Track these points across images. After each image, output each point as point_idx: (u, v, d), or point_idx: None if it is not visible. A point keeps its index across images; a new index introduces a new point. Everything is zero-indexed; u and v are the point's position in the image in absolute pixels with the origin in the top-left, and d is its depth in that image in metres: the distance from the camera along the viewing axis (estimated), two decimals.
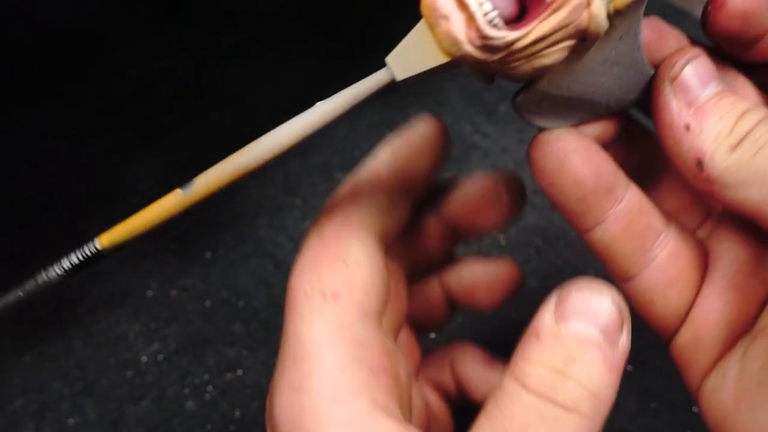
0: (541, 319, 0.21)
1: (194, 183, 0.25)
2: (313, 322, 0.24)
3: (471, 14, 0.19)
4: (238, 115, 0.70)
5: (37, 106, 0.72)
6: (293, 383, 0.23)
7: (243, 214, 0.61)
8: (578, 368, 0.20)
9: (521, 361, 0.21)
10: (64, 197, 0.63)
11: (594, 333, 0.21)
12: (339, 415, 0.22)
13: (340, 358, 0.23)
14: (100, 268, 0.57)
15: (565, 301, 0.21)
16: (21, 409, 0.49)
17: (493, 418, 0.20)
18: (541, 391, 0.20)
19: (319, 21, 0.80)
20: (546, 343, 0.21)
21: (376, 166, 0.28)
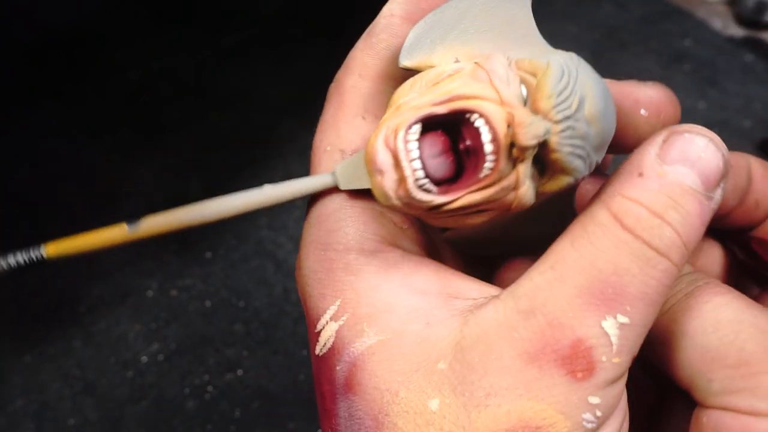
0: (645, 155, 0.21)
1: (140, 222, 0.25)
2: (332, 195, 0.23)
3: (403, 177, 0.20)
4: (238, 115, 0.70)
5: (37, 106, 0.72)
6: (321, 241, 0.23)
7: (243, 214, 0.61)
8: (676, 215, 0.20)
9: (619, 196, 0.20)
10: (64, 197, 0.63)
11: (697, 182, 0.20)
12: (371, 264, 0.22)
13: (362, 213, 0.23)
14: (100, 268, 0.58)
15: (675, 142, 0.21)
16: (21, 409, 0.49)
17: (581, 246, 0.20)
18: (637, 231, 0.20)
19: (318, 21, 0.80)
20: (649, 183, 0.20)
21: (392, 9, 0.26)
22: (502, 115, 0.19)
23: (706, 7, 0.80)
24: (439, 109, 0.20)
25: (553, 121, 0.20)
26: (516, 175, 0.20)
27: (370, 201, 0.23)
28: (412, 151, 0.20)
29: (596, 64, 0.54)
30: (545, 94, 0.20)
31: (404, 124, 0.20)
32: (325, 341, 0.21)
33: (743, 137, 0.64)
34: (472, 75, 0.20)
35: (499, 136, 0.19)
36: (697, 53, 0.74)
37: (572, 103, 0.20)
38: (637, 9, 0.80)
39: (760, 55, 0.73)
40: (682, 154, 0.21)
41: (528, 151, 0.20)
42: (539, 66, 0.20)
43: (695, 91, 0.69)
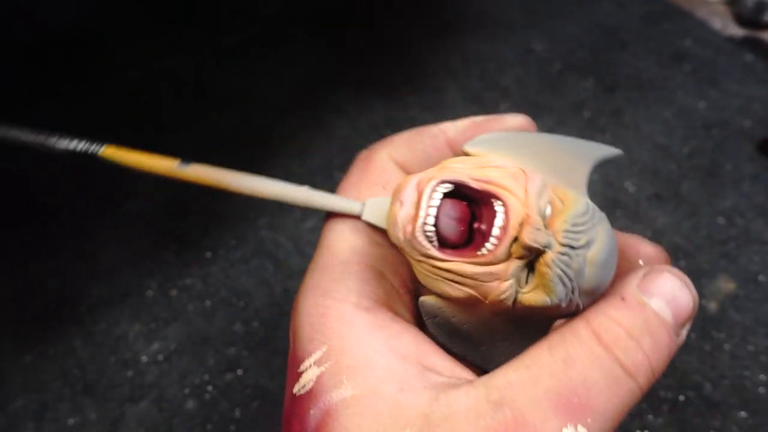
0: (628, 284, 0.23)
1: (189, 165, 0.29)
2: (346, 236, 0.26)
3: (416, 216, 0.22)
4: (238, 115, 0.70)
5: (38, 106, 0.72)
6: (321, 287, 0.24)
7: (243, 214, 0.61)
8: (650, 341, 0.22)
9: (602, 315, 0.22)
10: (64, 197, 0.63)
11: (670, 317, 0.22)
12: (363, 319, 0.23)
13: (366, 270, 0.25)
14: (100, 268, 0.58)
15: (654, 278, 0.23)
16: (21, 409, 0.49)
17: (557, 353, 0.21)
18: (613, 349, 0.21)
19: (318, 21, 0.80)
20: (630, 308, 0.22)
21: (447, 127, 0.29)
22: (519, 212, 0.22)
23: (706, 7, 0.80)
24: (473, 184, 0.22)
25: (558, 242, 0.22)
26: (506, 267, 0.22)
27: (376, 260, 0.25)
28: (434, 200, 0.22)
29: (596, 63, 0.55)
30: (563, 217, 0.23)
31: (439, 177, 0.22)
32: (305, 383, 0.22)
33: (743, 137, 0.64)
34: (513, 174, 0.23)
35: (509, 225, 0.22)
36: (697, 53, 0.74)
37: (581, 239, 0.23)
38: (637, 9, 0.80)
39: (760, 54, 0.73)
40: (659, 290, 0.23)
41: (524, 251, 0.22)
42: (570, 197, 0.23)
43: (695, 91, 0.69)
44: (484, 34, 0.78)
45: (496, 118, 0.29)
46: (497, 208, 0.22)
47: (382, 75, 0.73)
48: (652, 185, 0.61)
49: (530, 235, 0.22)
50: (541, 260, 0.22)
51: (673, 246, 0.56)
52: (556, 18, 0.79)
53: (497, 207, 0.22)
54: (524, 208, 0.22)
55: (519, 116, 0.29)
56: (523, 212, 0.22)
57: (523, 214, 0.22)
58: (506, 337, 0.25)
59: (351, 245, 0.25)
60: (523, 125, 0.29)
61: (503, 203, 0.22)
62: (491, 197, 0.22)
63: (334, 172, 0.64)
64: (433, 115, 0.69)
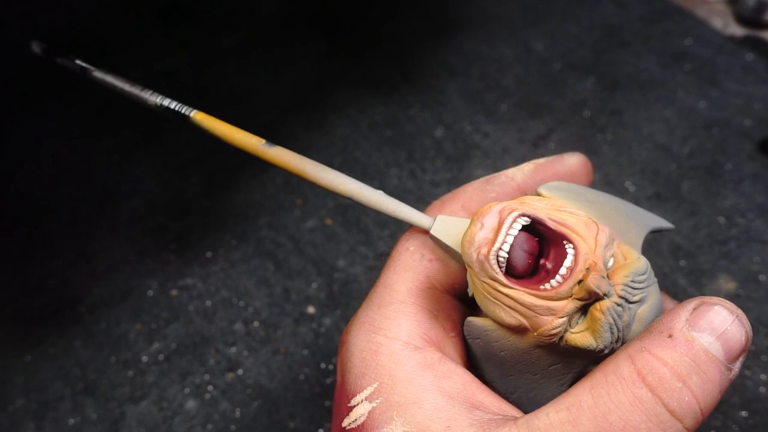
0: (676, 319, 0.22)
1: (272, 147, 0.31)
2: (405, 276, 0.26)
3: (494, 240, 0.23)
4: (238, 115, 0.70)
5: (38, 106, 0.72)
6: (374, 324, 0.25)
7: (244, 214, 0.61)
8: (698, 380, 0.21)
9: (647, 353, 0.21)
10: (64, 197, 0.63)
11: (720, 353, 0.21)
12: (413, 358, 0.24)
13: (420, 312, 0.25)
14: (100, 268, 0.58)
15: (705, 312, 0.22)
16: (22, 409, 0.49)
17: (598, 396, 0.21)
18: (658, 391, 0.20)
19: (318, 22, 0.80)
20: (677, 345, 0.21)
21: (514, 173, 0.31)
22: (587, 258, 0.23)
23: (707, 6, 0.80)
24: (550, 223, 0.24)
25: (617, 292, 0.24)
26: (564, 306, 0.23)
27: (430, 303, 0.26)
28: (513, 230, 0.24)
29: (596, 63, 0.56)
30: (626, 272, 0.24)
31: (520, 210, 0.24)
32: (356, 417, 0.23)
33: (743, 137, 0.64)
34: (585, 223, 0.24)
35: (577, 268, 0.23)
36: (697, 52, 0.74)
37: (636, 295, 0.24)
38: (637, 8, 0.80)
39: (761, 54, 0.73)
40: (710, 324, 0.22)
41: (585, 294, 0.23)
42: (633, 255, 0.25)
43: (695, 90, 0.69)
44: (484, 34, 0.78)
45: (558, 159, 0.30)
46: (568, 250, 0.24)
47: (382, 75, 0.73)
48: (652, 185, 0.61)
49: (595, 281, 0.23)
50: (597, 305, 0.23)
51: (674, 246, 0.56)
52: (556, 18, 0.79)
53: (568, 249, 0.24)
54: (592, 256, 0.23)
55: (576, 155, 0.30)
56: (591, 259, 0.23)
57: (591, 261, 0.23)
58: (536, 372, 0.26)
59: (409, 287, 0.26)
60: (581, 162, 0.30)
61: (574, 247, 0.24)
62: (563, 239, 0.24)
63: None
64: (433, 115, 0.69)
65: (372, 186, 0.29)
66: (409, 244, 0.27)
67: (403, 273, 0.26)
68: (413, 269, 0.26)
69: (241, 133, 0.31)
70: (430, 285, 0.26)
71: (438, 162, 0.64)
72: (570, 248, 0.24)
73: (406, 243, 0.27)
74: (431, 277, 0.26)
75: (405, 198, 0.61)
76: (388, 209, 0.28)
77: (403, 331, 0.25)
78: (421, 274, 0.26)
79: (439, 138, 0.66)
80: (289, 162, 0.30)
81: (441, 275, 0.27)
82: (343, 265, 0.57)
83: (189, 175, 0.64)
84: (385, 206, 0.28)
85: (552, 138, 0.66)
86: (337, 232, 0.59)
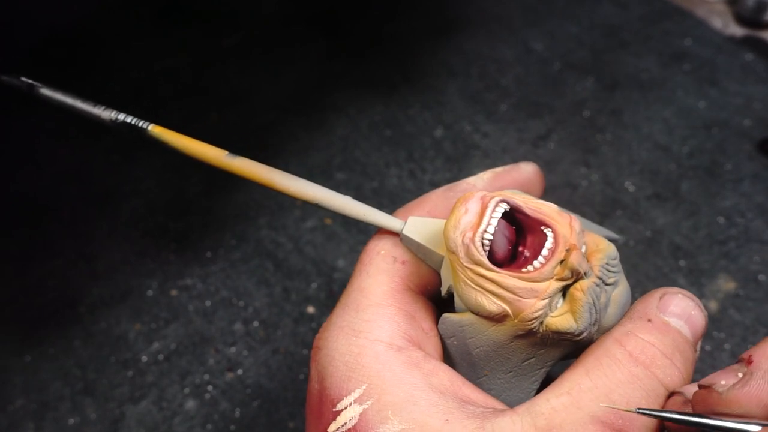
0: (648, 305, 0.24)
1: (236, 158, 0.30)
2: (380, 279, 0.27)
3: (478, 224, 0.24)
4: (238, 115, 0.70)
5: (38, 106, 0.72)
6: (354, 327, 0.25)
7: (243, 214, 0.61)
8: (680, 358, 0.23)
9: (633, 336, 0.23)
10: (64, 197, 0.63)
11: (689, 335, 0.24)
12: (398, 358, 0.24)
13: (398, 313, 0.26)
14: (100, 268, 0.58)
15: (671, 299, 0.25)
16: (21, 409, 0.49)
17: (596, 377, 0.22)
18: (651, 368, 0.22)
19: (318, 22, 0.80)
20: (659, 329, 0.24)
21: (475, 180, 0.31)
22: (567, 240, 0.24)
23: (706, 6, 0.80)
24: (528, 210, 0.25)
25: (595, 274, 0.25)
26: (546, 287, 0.24)
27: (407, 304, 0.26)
28: (496, 213, 0.24)
29: (596, 63, 0.56)
30: (600, 255, 0.25)
31: (502, 197, 0.25)
32: (346, 421, 0.23)
33: (743, 137, 0.64)
34: (559, 212, 0.25)
35: (558, 248, 0.24)
36: (697, 52, 0.74)
37: (611, 277, 0.25)
38: (637, 8, 0.80)
39: (761, 54, 0.73)
40: (676, 310, 0.24)
41: (567, 273, 0.24)
42: (603, 242, 0.26)
43: (695, 90, 0.69)
44: (484, 34, 0.78)
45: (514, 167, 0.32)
46: (548, 233, 0.25)
47: (382, 75, 0.73)
48: (652, 185, 0.61)
49: (578, 259, 0.24)
50: (578, 286, 0.24)
51: (673, 246, 0.56)
52: (556, 17, 0.79)
53: (547, 232, 0.25)
54: (570, 238, 0.24)
55: (531, 164, 0.32)
56: (570, 240, 0.24)
57: (570, 243, 0.24)
58: (509, 369, 0.26)
59: (385, 289, 0.26)
60: (535, 171, 0.32)
61: (553, 230, 0.25)
62: (542, 224, 0.25)
63: (334, 172, 0.64)
64: (432, 115, 0.69)
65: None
66: (379, 248, 0.27)
67: (377, 276, 0.27)
68: (387, 272, 0.27)
69: (202, 146, 0.29)
70: (405, 287, 0.27)
71: (438, 162, 0.64)
72: (549, 231, 0.25)
73: (375, 247, 0.28)
74: (405, 279, 0.27)
75: (404, 198, 0.61)
76: (358, 214, 0.28)
77: (384, 332, 0.25)
78: (396, 276, 0.27)
79: (438, 138, 0.67)
80: (255, 172, 0.29)
81: (414, 277, 0.27)
82: (343, 265, 0.57)
83: (189, 175, 0.64)
84: (354, 211, 0.28)
85: (551, 138, 0.66)
86: (336, 232, 0.59)
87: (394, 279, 0.27)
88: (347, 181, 0.63)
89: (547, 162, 0.64)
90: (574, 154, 0.64)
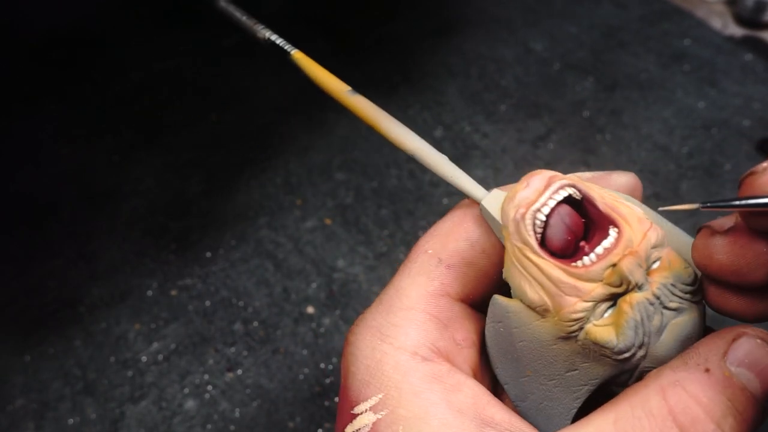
0: (713, 350, 0.20)
1: (356, 96, 0.31)
2: (418, 281, 0.25)
3: (534, 202, 0.22)
4: (238, 115, 0.70)
5: (39, 106, 0.72)
6: (381, 330, 0.24)
7: (243, 214, 0.61)
8: (732, 423, 0.19)
9: (680, 388, 0.20)
10: (64, 197, 0.63)
11: (759, 392, 0.20)
12: (419, 370, 0.23)
13: (429, 321, 0.24)
14: (100, 268, 0.58)
15: (744, 345, 0.20)
16: (21, 409, 0.49)
17: (621, 429, 0.20)
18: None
19: (318, 22, 0.80)
20: (714, 384, 0.20)
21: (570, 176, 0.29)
22: (629, 243, 0.22)
23: (706, 6, 0.80)
24: (600, 204, 0.23)
25: (652, 290, 0.22)
26: (591, 289, 0.22)
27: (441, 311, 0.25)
28: (558, 195, 0.23)
29: (595, 64, 0.56)
30: (666, 273, 0.23)
31: (569, 180, 0.23)
32: (360, 427, 0.23)
33: (743, 137, 0.64)
34: (639, 219, 0.23)
35: (615, 250, 0.22)
36: (696, 53, 0.74)
37: (674, 302, 0.23)
38: (636, 9, 0.80)
39: (760, 54, 0.73)
40: (749, 359, 0.20)
41: (617, 279, 0.22)
42: (682, 263, 0.23)
43: (695, 90, 0.69)
44: (483, 34, 0.78)
45: (605, 175, 0.28)
46: (611, 232, 0.22)
47: (382, 75, 0.73)
48: (652, 185, 0.61)
49: (629, 265, 0.22)
50: (627, 298, 0.22)
51: None
52: (555, 18, 0.79)
53: (612, 231, 0.22)
54: (636, 245, 0.22)
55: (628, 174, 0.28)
56: (632, 245, 0.22)
57: (632, 249, 0.22)
58: (552, 376, 0.24)
59: (421, 293, 0.25)
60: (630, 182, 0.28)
61: (619, 230, 0.22)
62: (610, 223, 0.22)
63: (334, 172, 0.64)
64: (432, 115, 0.69)
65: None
66: (428, 246, 0.26)
67: (416, 277, 0.25)
68: (428, 274, 0.25)
69: (330, 78, 0.32)
70: (444, 292, 0.25)
71: None
72: (614, 231, 0.22)
73: (426, 244, 0.26)
74: (446, 284, 0.25)
75: (404, 198, 0.61)
76: (446, 174, 0.28)
77: (410, 340, 0.24)
78: (436, 280, 0.25)
79: (438, 138, 0.67)
80: (366, 112, 0.31)
81: (457, 283, 0.26)
82: (343, 265, 0.57)
83: (189, 175, 0.64)
84: (444, 170, 0.28)
85: (551, 138, 0.66)
86: (336, 232, 0.59)
87: (434, 283, 0.25)
88: (347, 181, 0.63)
89: (546, 162, 0.64)
90: (574, 154, 0.64)
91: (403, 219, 0.60)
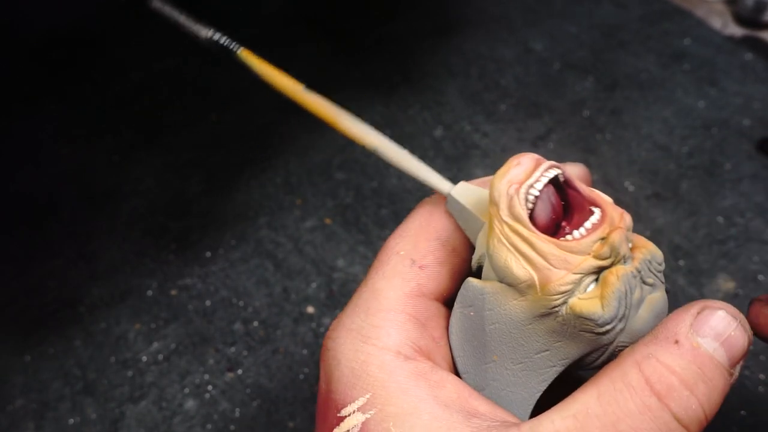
0: (680, 323, 0.22)
1: (311, 92, 0.31)
2: (395, 282, 0.26)
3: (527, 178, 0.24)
4: (238, 115, 0.70)
5: (39, 106, 0.72)
6: (361, 332, 0.24)
7: (243, 214, 0.61)
8: (703, 389, 0.21)
9: (654, 360, 0.21)
10: (64, 197, 0.63)
11: (725, 360, 0.21)
12: (404, 368, 0.23)
13: (409, 321, 0.25)
14: (100, 268, 0.58)
15: (708, 316, 0.22)
16: (21, 409, 0.49)
17: (606, 403, 0.21)
18: (666, 399, 0.20)
19: (318, 22, 0.80)
20: (684, 353, 0.21)
21: None
22: (613, 220, 0.23)
23: (706, 6, 0.80)
24: (583, 188, 0.24)
25: (634, 265, 0.23)
26: (580, 261, 0.23)
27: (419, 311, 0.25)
28: (548, 173, 0.24)
29: (595, 63, 0.56)
30: (645, 251, 0.24)
31: (558, 164, 0.24)
32: (349, 428, 0.23)
33: (743, 136, 0.64)
34: (613, 205, 0.24)
35: (603, 223, 0.23)
36: (696, 52, 0.74)
37: (651, 278, 0.24)
38: (636, 8, 0.80)
39: (760, 54, 0.73)
40: (714, 329, 0.22)
41: (606, 251, 0.23)
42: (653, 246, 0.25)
43: (695, 90, 0.69)
44: (483, 34, 0.78)
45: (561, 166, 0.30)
46: (594, 210, 0.24)
47: (382, 75, 0.73)
48: (652, 184, 0.61)
49: (620, 238, 0.23)
50: (613, 270, 0.23)
51: (673, 245, 0.56)
52: (555, 18, 0.79)
53: (595, 210, 0.24)
54: (618, 222, 0.24)
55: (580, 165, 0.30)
56: (615, 222, 0.23)
57: (614, 224, 0.23)
58: (520, 359, 0.25)
59: (398, 294, 0.25)
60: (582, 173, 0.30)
61: (602, 209, 0.24)
62: (592, 204, 0.24)
63: (334, 172, 0.64)
64: (432, 115, 0.69)
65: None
66: (399, 248, 0.27)
67: (392, 279, 0.26)
68: (403, 275, 0.26)
69: (282, 76, 0.31)
70: (420, 293, 0.26)
71: (437, 162, 0.64)
72: (597, 210, 0.24)
73: (396, 246, 0.27)
74: (421, 284, 0.26)
75: (404, 198, 0.61)
76: (411, 168, 0.28)
77: (392, 340, 0.24)
78: (412, 280, 0.26)
79: (438, 138, 0.67)
80: (325, 110, 0.31)
81: (432, 283, 0.26)
82: (343, 264, 0.57)
83: (189, 175, 0.64)
84: (408, 165, 0.28)
85: (551, 138, 0.66)
86: (336, 232, 0.59)
87: (410, 284, 0.26)
88: (347, 181, 0.63)
89: None
90: (574, 153, 0.64)
91: (403, 219, 0.60)
